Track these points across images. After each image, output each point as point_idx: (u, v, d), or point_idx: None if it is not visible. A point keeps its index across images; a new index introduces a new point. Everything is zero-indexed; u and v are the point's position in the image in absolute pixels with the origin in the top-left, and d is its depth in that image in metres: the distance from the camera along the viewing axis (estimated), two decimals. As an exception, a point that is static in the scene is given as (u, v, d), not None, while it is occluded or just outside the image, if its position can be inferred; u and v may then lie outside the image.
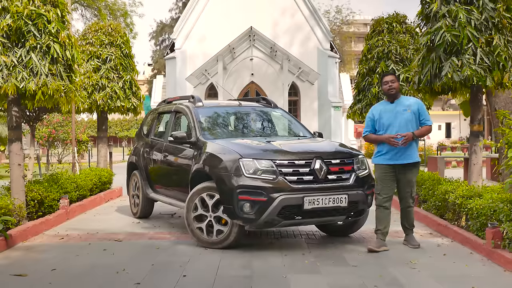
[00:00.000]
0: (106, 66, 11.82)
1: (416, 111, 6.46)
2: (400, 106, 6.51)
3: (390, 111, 6.50)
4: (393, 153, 6.42)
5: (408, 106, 6.48)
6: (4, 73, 6.90)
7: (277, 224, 6.20)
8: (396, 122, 6.42)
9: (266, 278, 5.20)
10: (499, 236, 5.79)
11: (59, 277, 5.25)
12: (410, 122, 6.42)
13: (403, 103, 6.54)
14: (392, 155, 6.43)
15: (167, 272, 5.40)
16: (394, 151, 6.40)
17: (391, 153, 6.43)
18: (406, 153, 6.42)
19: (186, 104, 8.12)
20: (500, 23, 7.22)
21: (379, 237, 6.42)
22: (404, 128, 6.38)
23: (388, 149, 6.43)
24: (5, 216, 6.70)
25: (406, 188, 6.54)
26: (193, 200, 6.63)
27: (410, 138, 6.33)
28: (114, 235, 7.41)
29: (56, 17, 7.35)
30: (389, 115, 6.48)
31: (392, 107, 6.52)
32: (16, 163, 7.57)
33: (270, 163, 6.18)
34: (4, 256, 6.15)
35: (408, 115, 6.43)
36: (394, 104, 6.55)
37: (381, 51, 12.03)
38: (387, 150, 6.44)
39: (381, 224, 6.45)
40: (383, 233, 6.44)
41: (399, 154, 6.41)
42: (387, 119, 6.47)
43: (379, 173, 6.52)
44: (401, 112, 6.45)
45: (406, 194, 6.58)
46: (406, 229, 6.71)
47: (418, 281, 5.10)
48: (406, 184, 6.53)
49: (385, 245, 6.36)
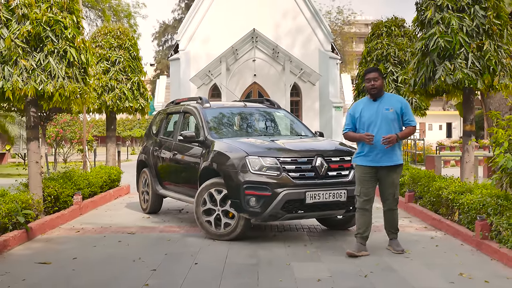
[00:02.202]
0: (115, 68, 12.28)
1: (399, 111, 6.10)
2: (383, 104, 6.14)
3: (372, 110, 6.14)
4: (374, 154, 6.08)
5: (391, 105, 6.12)
6: (24, 76, 7.34)
7: (281, 217, 6.65)
8: (378, 121, 6.08)
9: (271, 265, 5.65)
10: (487, 228, 6.24)
11: (80, 265, 5.71)
12: (393, 122, 6.08)
13: (387, 102, 6.16)
14: (373, 157, 6.09)
15: (179, 261, 5.86)
16: (375, 152, 6.07)
17: (372, 155, 6.10)
18: (388, 155, 6.07)
19: (194, 105, 8.56)
20: (490, 30, 7.68)
21: (359, 241, 6.14)
22: (386, 128, 6.04)
23: (369, 150, 6.10)
24: (25, 210, 7.15)
25: (388, 189, 6.20)
26: (202, 195, 7.09)
27: (394, 141, 5.97)
28: (126, 228, 7.86)
29: (72, 23, 7.80)
30: (370, 114, 6.13)
31: (375, 106, 6.16)
32: (33, 161, 8.01)
33: (274, 161, 6.63)
34: (26, 247, 6.60)
35: (391, 115, 6.07)
36: (377, 102, 6.18)
37: (380, 53, 12.51)
38: (368, 150, 6.11)
39: (361, 228, 6.16)
40: (363, 237, 6.15)
41: (380, 156, 6.07)
42: (368, 118, 6.13)
43: (359, 174, 6.18)
44: (383, 111, 6.09)
45: (389, 196, 6.22)
46: (391, 233, 6.36)
47: (411, 268, 5.55)
48: (388, 186, 6.19)
49: (365, 250, 6.11)
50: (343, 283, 4.99)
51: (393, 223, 6.33)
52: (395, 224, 6.34)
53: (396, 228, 6.36)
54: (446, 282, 5.04)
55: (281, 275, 5.24)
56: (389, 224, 6.36)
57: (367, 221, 6.19)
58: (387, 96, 6.29)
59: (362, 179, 6.17)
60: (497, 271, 5.39)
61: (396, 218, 6.34)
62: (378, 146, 6.03)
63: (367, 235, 6.19)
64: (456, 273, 5.29)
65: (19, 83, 7.25)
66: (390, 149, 6.06)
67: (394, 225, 6.34)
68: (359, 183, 6.20)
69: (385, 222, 6.44)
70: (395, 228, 6.35)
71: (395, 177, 6.21)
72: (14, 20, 7.37)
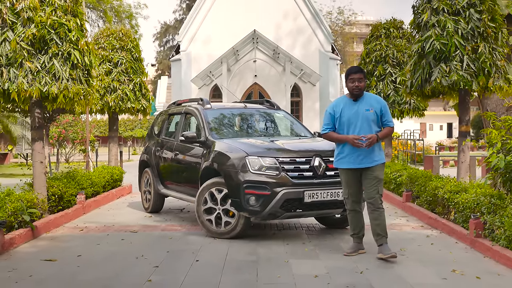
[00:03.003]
0: (117, 70, 12.47)
1: (378, 111, 6.02)
2: (363, 105, 6.03)
3: (352, 110, 6.02)
4: (354, 156, 5.98)
5: (371, 105, 6.02)
6: (29, 77, 7.50)
7: (280, 216, 6.82)
8: (358, 122, 5.97)
9: (270, 262, 5.83)
10: (481, 227, 6.40)
11: (85, 262, 5.89)
12: (373, 122, 5.99)
13: (366, 102, 6.05)
14: (354, 158, 5.99)
15: (181, 258, 6.03)
16: (355, 154, 5.97)
17: (352, 156, 5.99)
18: (370, 156, 5.97)
19: (196, 106, 8.74)
20: (485, 32, 7.86)
21: (356, 241, 6.21)
22: (366, 128, 5.95)
23: (349, 152, 6.00)
24: (31, 209, 7.32)
25: (372, 184, 5.99)
26: (203, 194, 7.26)
27: (375, 141, 5.87)
28: (129, 227, 8.04)
29: (76, 26, 7.97)
30: (350, 114, 6.01)
31: (355, 106, 6.04)
32: (38, 161, 8.19)
33: (273, 161, 6.80)
34: (32, 245, 6.77)
35: (371, 115, 5.98)
36: (357, 102, 6.05)
37: (379, 55, 12.71)
38: (348, 152, 6.01)
39: (356, 228, 6.19)
40: (359, 236, 6.20)
41: (361, 157, 5.97)
42: (347, 118, 6.01)
43: (344, 178, 6.14)
44: (363, 112, 5.99)
45: (373, 193, 5.98)
46: (380, 238, 6.00)
47: (405, 264, 5.72)
48: (371, 180, 5.99)
49: (362, 248, 6.20)
50: (339, 279, 5.16)
51: (381, 225, 5.99)
52: (384, 226, 6.01)
53: (385, 231, 6.01)
54: (439, 278, 5.20)
55: (279, 272, 5.42)
56: (378, 226, 5.98)
57: (359, 222, 6.21)
58: (367, 96, 6.14)
59: (347, 181, 6.13)
60: (489, 268, 5.56)
61: (383, 219, 6.02)
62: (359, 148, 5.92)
63: (362, 234, 6.23)
64: (449, 270, 5.46)
65: (24, 84, 7.42)
66: (371, 150, 5.95)
67: (382, 227, 5.99)
68: (345, 186, 6.16)
69: (372, 226, 6.04)
70: (384, 230, 6.00)
71: (378, 173, 6.00)
72: (20, 23, 7.53)
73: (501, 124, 7.05)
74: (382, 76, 12.60)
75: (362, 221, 6.25)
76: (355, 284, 5.00)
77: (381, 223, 6.00)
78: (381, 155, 6.10)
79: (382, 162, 6.07)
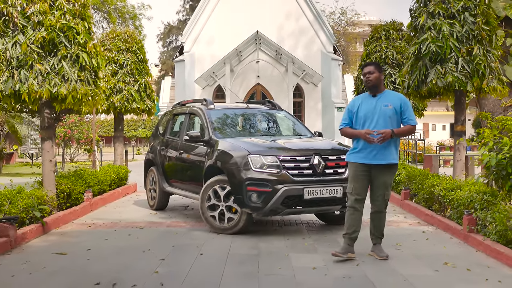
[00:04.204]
0: (123, 71, 12.78)
1: (398, 108, 5.85)
2: (382, 100, 5.89)
3: (370, 105, 5.90)
4: (367, 151, 5.83)
5: (390, 101, 5.86)
6: (39, 79, 7.78)
7: (281, 212, 7.09)
8: (375, 118, 5.83)
9: (271, 256, 6.11)
10: (473, 222, 6.67)
11: (95, 255, 6.17)
12: (390, 119, 5.81)
13: (386, 98, 5.91)
14: (367, 154, 5.84)
15: (186, 251, 6.31)
16: (369, 149, 5.82)
17: (365, 151, 5.85)
18: (383, 152, 5.80)
19: (199, 106, 9.02)
20: (479, 35, 8.13)
21: (346, 242, 5.93)
22: (383, 124, 5.78)
23: (363, 147, 5.86)
24: (41, 205, 7.61)
25: (379, 190, 5.95)
26: (207, 192, 7.54)
27: (389, 136, 5.67)
28: (135, 223, 8.32)
29: (84, 29, 8.24)
30: (367, 109, 5.89)
31: (373, 101, 5.91)
32: (48, 159, 8.47)
33: (274, 159, 7.08)
34: (43, 240, 7.06)
35: (389, 111, 5.81)
36: (376, 97, 5.93)
37: (378, 56, 12.98)
38: (362, 147, 5.87)
39: (350, 228, 5.92)
40: (351, 237, 5.93)
41: (374, 153, 5.81)
42: (364, 113, 5.89)
43: (352, 172, 5.97)
44: (381, 107, 5.84)
45: (379, 197, 5.97)
46: (375, 238, 6.07)
47: (401, 257, 5.99)
48: (380, 186, 5.93)
49: (352, 251, 5.93)
50: (336, 271, 5.44)
51: (379, 227, 6.04)
52: (381, 228, 6.06)
53: (382, 233, 6.07)
54: (431, 270, 5.48)
55: (279, 264, 5.70)
56: (375, 227, 6.05)
57: (357, 222, 5.94)
58: (387, 92, 6.01)
59: (355, 176, 5.93)
60: (479, 261, 5.82)
61: (383, 222, 6.06)
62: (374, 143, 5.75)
63: (355, 236, 5.96)
64: (442, 263, 5.73)
65: (35, 86, 7.70)
66: (386, 147, 5.78)
67: (380, 229, 6.05)
68: (352, 181, 5.95)
69: (371, 226, 6.12)
70: (381, 232, 6.06)
71: (388, 178, 5.91)
72: (30, 26, 7.82)
73: (496, 124, 7.30)
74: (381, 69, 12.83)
75: (359, 222, 5.98)
76: (351, 275, 5.28)
77: (381, 225, 6.04)
78: (395, 154, 5.89)
79: (395, 162, 5.89)
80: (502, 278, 5.16)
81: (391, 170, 5.94)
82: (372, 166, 5.89)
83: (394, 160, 5.88)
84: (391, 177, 5.96)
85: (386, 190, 5.95)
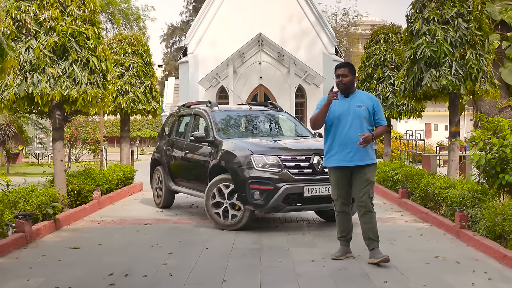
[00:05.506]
0: (129, 73, 13.16)
1: (371, 109, 5.89)
2: (354, 101, 5.91)
3: (344, 106, 5.88)
4: (344, 153, 5.81)
5: (363, 102, 5.89)
6: (51, 82, 8.16)
7: (282, 209, 7.46)
8: (349, 118, 5.82)
9: (272, 250, 6.48)
10: (465, 219, 7.02)
11: (106, 249, 6.55)
12: (364, 119, 5.84)
13: (358, 99, 5.93)
14: (344, 156, 5.81)
15: (192, 246, 6.68)
16: (345, 151, 5.80)
17: (342, 153, 5.82)
18: (360, 154, 5.80)
19: (204, 108, 9.38)
20: (472, 40, 8.48)
21: (343, 244, 6.08)
22: (357, 125, 5.80)
23: (338, 149, 5.84)
24: (53, 203, 7.98)
25: (362, 186, 5.82)
26: (212, 190, 7.90)
27: (370, 139, 5.68)
28: (143, 220, 8.69)
29: (93, 34, 8.63)
30: (341, 110, 5.86)
31: (346, 102, 5.90)
32: (58, 159, 8.85)
33: (276, 158, 7.44)
34: (56, 236, 7.43)
35: (363, 112, 5.85)
36: (348, 98, 5.93)
37: (378, 58, 13.33)
38: (337, 150, 5.84)
39: (344, 231, 6.04)
40: (347, 239, 6.08)
41: (351, 155, 5.79)
42: (338, 114, 5.85)
43: (334, 177, 5.97)
44: (354, 108, 5.86)
45: (364, 196, 5.81)
46: (371, 242, 5.84)
47: (395, 251, 6.33)
48: (362, 183, 5.82)
49: (350, 252, 6.07)
50: (333, 264, 5.80)
51: (372, 228, 5.85)
52: (375, 229, 5.85)
53: (377, 234, 5.86)
54: (423, 263, 5.83)
55: (280, 257, 6.07)
56: (369, 230, 5.84)
57: (348, 224, 6.05)
58: (359, 93, 6.04)
59: (336, 181, 5.95)
60: (469, 255, 6.18)
61: (375, 222, 5.87)
62: (349, 145, 5.77)
63: (350, 236, 6.09)
64: (433, 256, 6.08)
65: (47, 88, 8.08)
66: (362, 148, 5.76)
67: (374, 230, 5.85)
68: (334, 187, 5.99)
69: (363, 231, 5.90)
70: (375, 234, 5.84)
71: (370, 175, 5.85)
72: (42, 32, 8.20)
73: (489, 125, 7.65)
74: (381, 79, 13.20)
75: (351, 223, 6.10)
76: (348, 267, 5.64)
77: (373, 226, 5.84)
78: (372, 154, 5.92)
79: (373, 162, 5.90)
80: (488, 270, 5.52)
81: (371, 168, 5.89)
82: (351, 168, 5.87)
83: (372, 160, 5.89)
84: (372, 175, 5.91)
85: (370, 188, 5.85)
